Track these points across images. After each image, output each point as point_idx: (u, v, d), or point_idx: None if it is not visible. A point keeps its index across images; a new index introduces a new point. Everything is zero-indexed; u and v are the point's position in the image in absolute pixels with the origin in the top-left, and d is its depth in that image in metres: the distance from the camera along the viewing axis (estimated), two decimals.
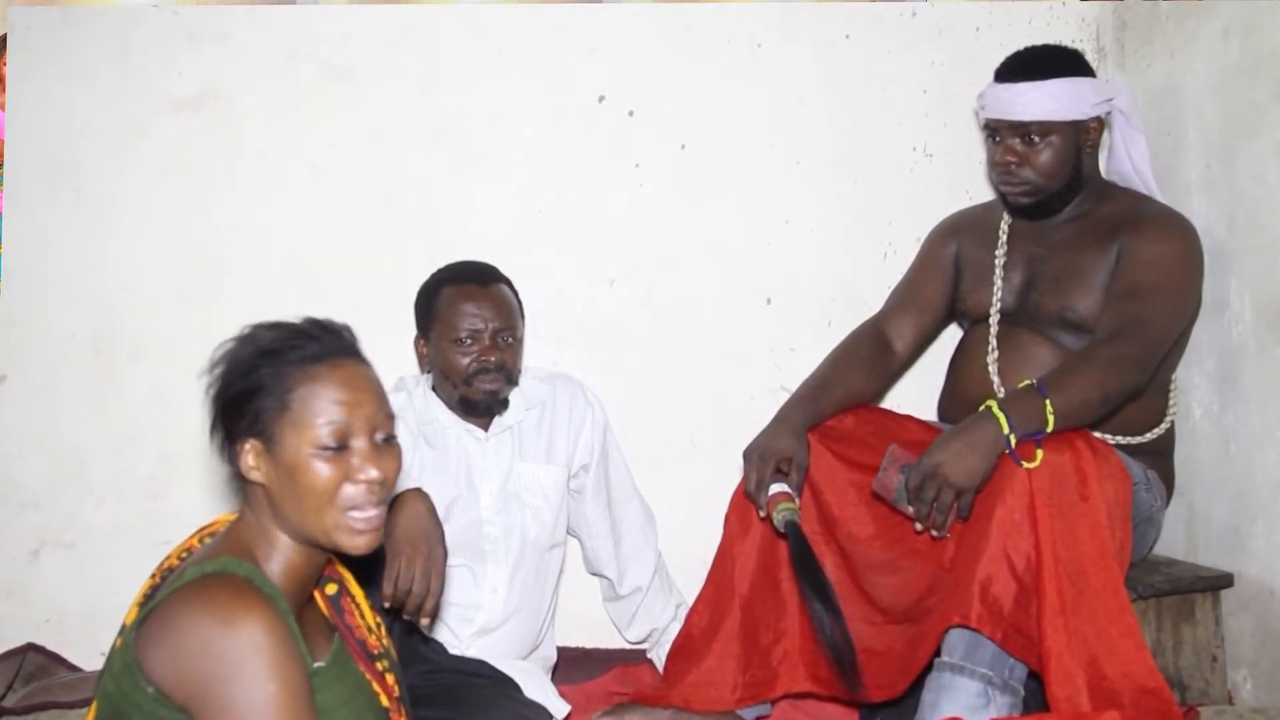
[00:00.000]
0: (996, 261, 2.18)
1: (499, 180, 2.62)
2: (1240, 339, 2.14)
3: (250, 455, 1.29)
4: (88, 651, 2.45)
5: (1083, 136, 2.11)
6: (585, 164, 2.63)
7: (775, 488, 1.95)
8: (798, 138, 2.64)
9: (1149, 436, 2.10)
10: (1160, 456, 2.14)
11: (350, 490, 1.28)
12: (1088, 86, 2.09)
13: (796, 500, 1.96)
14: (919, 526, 1.87)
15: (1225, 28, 2.18)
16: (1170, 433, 2.16)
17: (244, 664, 1.16)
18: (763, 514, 1.97)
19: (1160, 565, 2.23)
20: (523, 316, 2.23)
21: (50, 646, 2.47)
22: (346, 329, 1.36)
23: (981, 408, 1.85)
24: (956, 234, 2.30)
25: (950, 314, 2.32)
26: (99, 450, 2.53)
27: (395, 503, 1.66)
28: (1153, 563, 2.24)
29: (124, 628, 1.30)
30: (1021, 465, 1.78)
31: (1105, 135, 2.21)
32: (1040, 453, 1.79)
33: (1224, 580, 2.15)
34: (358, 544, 1.30)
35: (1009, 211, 2.20)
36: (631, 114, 2.64)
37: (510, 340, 2.17)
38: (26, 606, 2.50)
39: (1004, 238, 2.20)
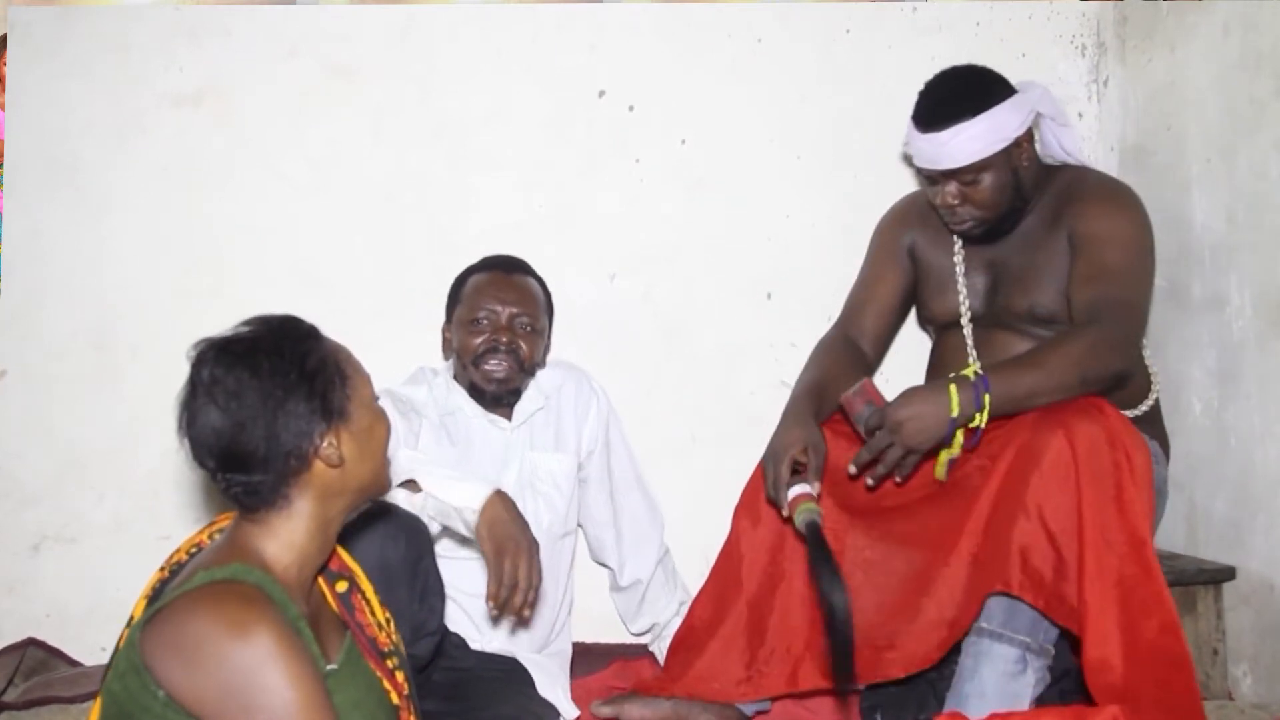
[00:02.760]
0: (956, 268, 2.17)
1: (499, 176, 2.61)
2: (1241, 334, 2.14)
3: (328, 444, 1.30)
4: (88, 646, 2.45)
5: (1016, 156, 2.06)
6: (585, 160, 2.63)
7: (795, 489, 1.89)
8: (798, 133, 2.64)
9: (1143, 408, 2.10)
10: (1155, 424, 2.14)
11: None
12: (1008, 111, 2.02)
13: (816, 500, 1.89)
14: (854, 468, 1.91)
15: (1226, 23, 2.18)
16: (1157, 400, 2.15)
17: (261, 675, 1.16)
18: (785, 515, 1.92)
19: (1162, 558, 2.21)
20: (549, 313, 2.23)
21: (51, 641, 2.46)
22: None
23: (962, 372, 1.86)
24: (908, 224, 2.25)
25: (907, 306, 2.29)
26: (99, 446, 2.53)
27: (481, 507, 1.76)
28: None
29: (131, 620, 1.29)
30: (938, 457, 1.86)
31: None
32: (958, 440, 1.85)
33: (1226, 573, 2.15)
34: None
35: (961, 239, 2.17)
36: (632, 109, 2.63)
37: (529, 328, 2.17)
38: (27, 602, 2.50)
39: (958, 240, 2.17)
